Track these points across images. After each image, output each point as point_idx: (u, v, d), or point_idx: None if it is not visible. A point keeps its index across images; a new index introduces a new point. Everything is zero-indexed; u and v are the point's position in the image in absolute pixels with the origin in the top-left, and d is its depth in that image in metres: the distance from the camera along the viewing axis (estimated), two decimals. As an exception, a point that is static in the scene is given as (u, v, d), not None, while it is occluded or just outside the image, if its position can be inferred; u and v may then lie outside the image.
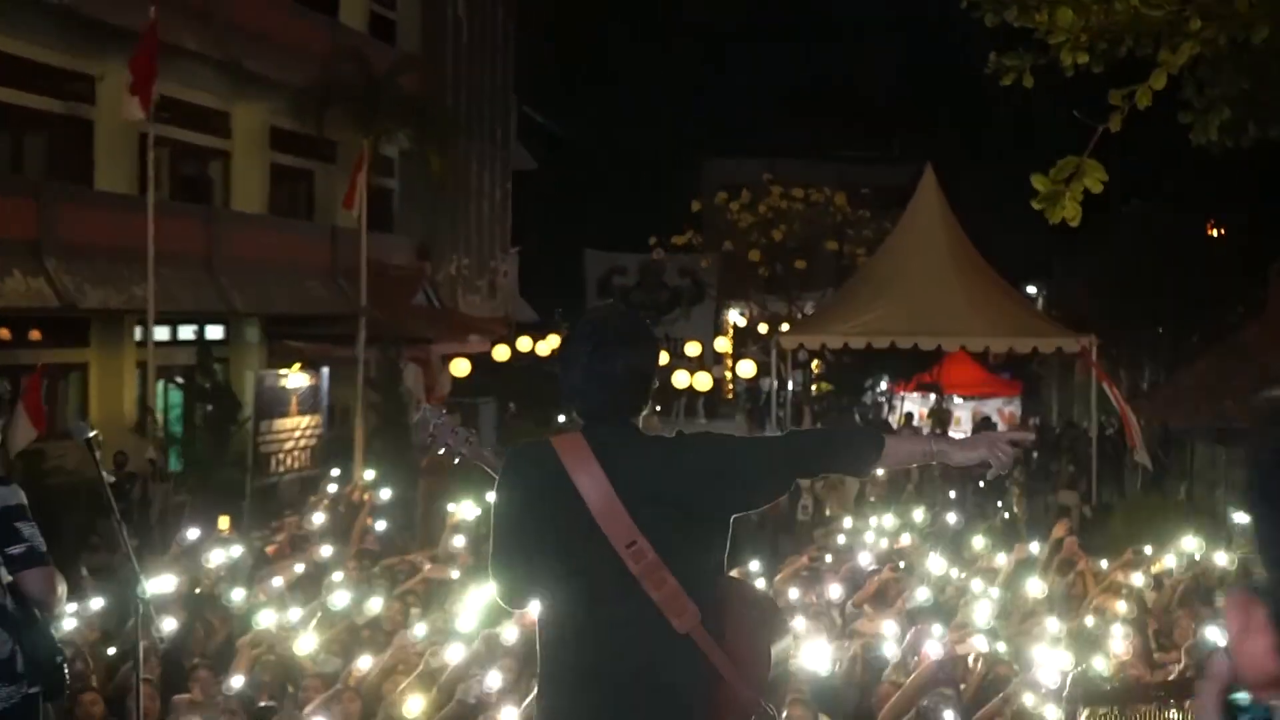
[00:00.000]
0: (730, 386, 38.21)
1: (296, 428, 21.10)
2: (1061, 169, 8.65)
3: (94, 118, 21.75)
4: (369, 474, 18.35)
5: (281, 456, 20.74)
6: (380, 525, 13.88)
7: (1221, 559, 11.01)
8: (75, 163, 22.09)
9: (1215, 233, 34.70)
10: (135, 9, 19.40)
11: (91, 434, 5.82)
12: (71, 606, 8.72)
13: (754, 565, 11.41)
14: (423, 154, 28.06)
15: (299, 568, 11.33)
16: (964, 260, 21.71)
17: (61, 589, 5.48)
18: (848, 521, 14.70)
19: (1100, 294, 33.11)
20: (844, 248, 33.87)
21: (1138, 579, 10.46)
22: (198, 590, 10.30)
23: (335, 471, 19.32)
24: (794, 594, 10.10)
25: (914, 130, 49.96)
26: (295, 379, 21.18)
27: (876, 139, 52.24)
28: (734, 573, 4.85)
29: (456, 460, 5.27)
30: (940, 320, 20.63)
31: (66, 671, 5.61)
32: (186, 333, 24.68)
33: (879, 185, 42.67)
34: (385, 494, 14.47)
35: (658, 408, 31.85)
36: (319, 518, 13.86)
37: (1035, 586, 10.22)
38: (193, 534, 12.73)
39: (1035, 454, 24.85)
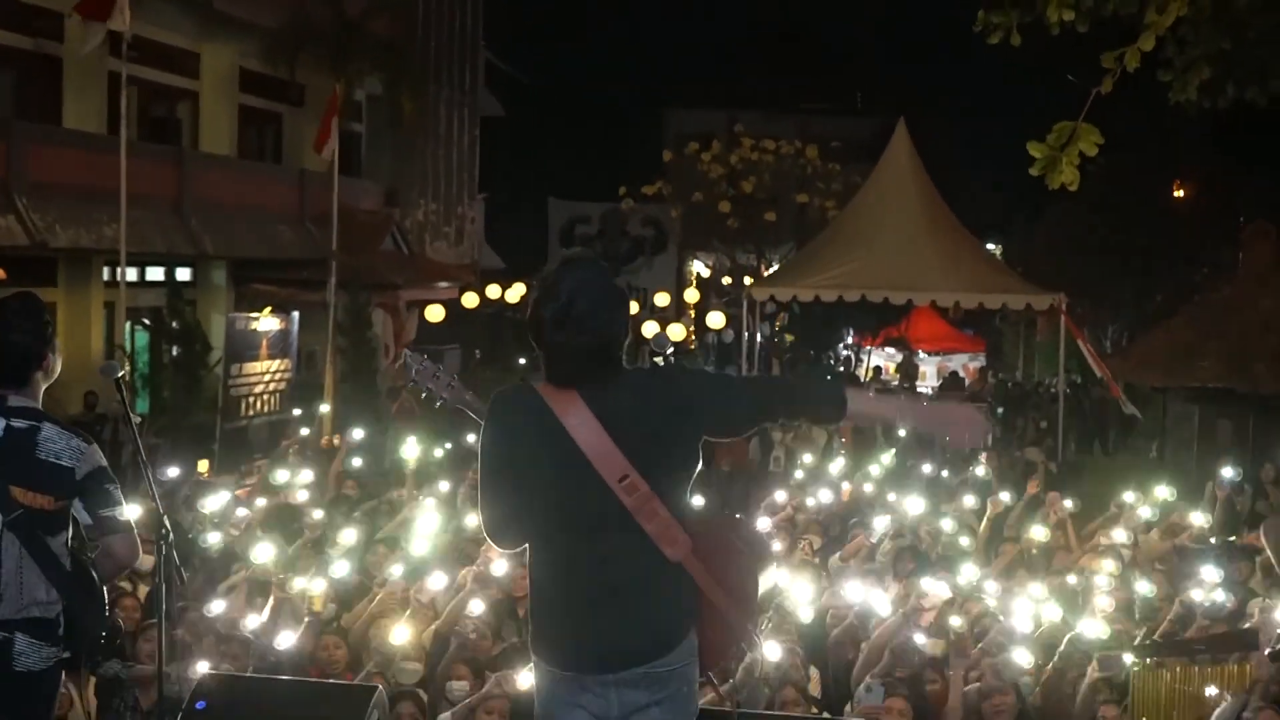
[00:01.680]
0: (692, 338, 38.20)
1: (267, 371, 21.05)
2: (1059, 134, 8.69)
3: (62, 55, 21.50)
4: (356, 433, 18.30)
5: (252, 400, 20.70)
6: (356, 461, 13.86)
7: (1198, 517, 11.14)
8: (44, 100, 21.87)
9: (1179, 193, 34.89)
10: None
11: (121, 373, 5.81)
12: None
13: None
14: (393, 99, 27.89)
15: (259, 501, 11.37)
16: (935, 215, 21.81)
17: (140, 553, 5.46)
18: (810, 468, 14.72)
19: (1063, 252, 33.28)
20: (813, 200, 33.88)
21: (1119, 534, 10.61)
22: (190, 534, 10.30)
23: (296, 412, 19.25)
24: (777, 545, 10.19)
25: (876, 83, 49.98)
26: (266, 322, 21.12)
27: (838, 91, 52.15)
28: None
29: (438, 404, 5.38)
30: (911, 274, 20.74)
31: (101, 644, 5.58)
32: (154, 274, 24.53)
33: (841, 138, 42.70)
34: (357, 434, 14.37)
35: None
36: (296, 466, 13.72)
37: (1036, 533, 10.39)
38: (172, 473, 12.72)
39: (1000, 410, 25.06)
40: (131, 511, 9.04)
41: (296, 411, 19.34)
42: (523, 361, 31.35)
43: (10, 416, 5.15)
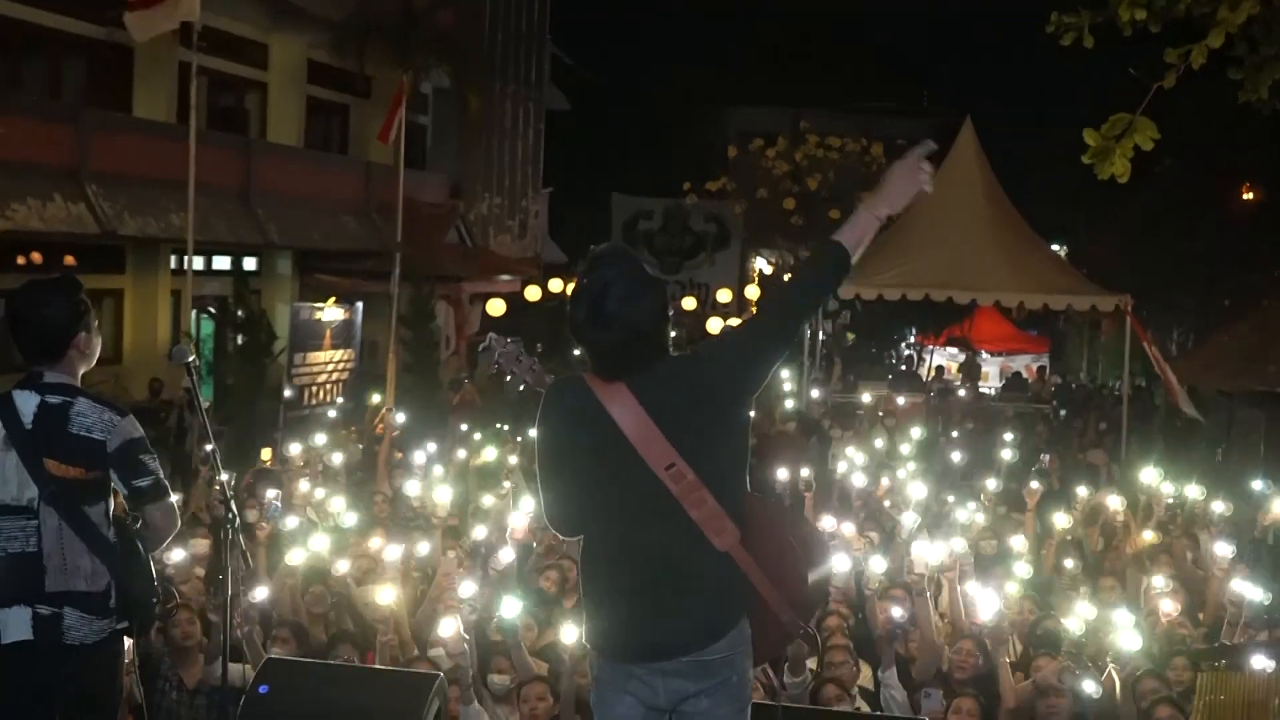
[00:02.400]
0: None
1: (330, 361, 21.18)
2: (1114, 125, 8.63)
3: (133, 44, 21.71)
4: (400, 415, 18.36)
5: (315, 389, 20.82)
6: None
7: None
8: (114, 89, 22.10)
9: (1248, 195, 34.46)
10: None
11: (191, 358, 5.89)
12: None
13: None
14: (460, 92, 28.01)
15: (319, 492, 11.42)
16: (1000, 215, 21.61)
17: (179, 523, 5.55)
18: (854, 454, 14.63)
19: (1128, 253, 32.95)
20: (878, 198, 33.65)
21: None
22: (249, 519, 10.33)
23: (375, 398, 19.40)
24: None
25: (940, 83, 49.73)
26: (330, 312, 21.24)
27: (901, 90, 51.92)
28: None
29: (521, 387, 5.42)
30: (975, 274, 20.57)
31: (157, 609, 5.68)
32: (220, 263, 24.75)
33: (905, 137, 42.46)
34: (399, 418, 14.45)
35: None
36: (337, 456, 13.70)
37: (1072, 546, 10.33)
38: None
39: (1063, 411, 24.86)
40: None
41: (375, 398, 19.48)
42: (576, 353, 31.46)
43: (45, 393, 5.27)
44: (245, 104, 26.24)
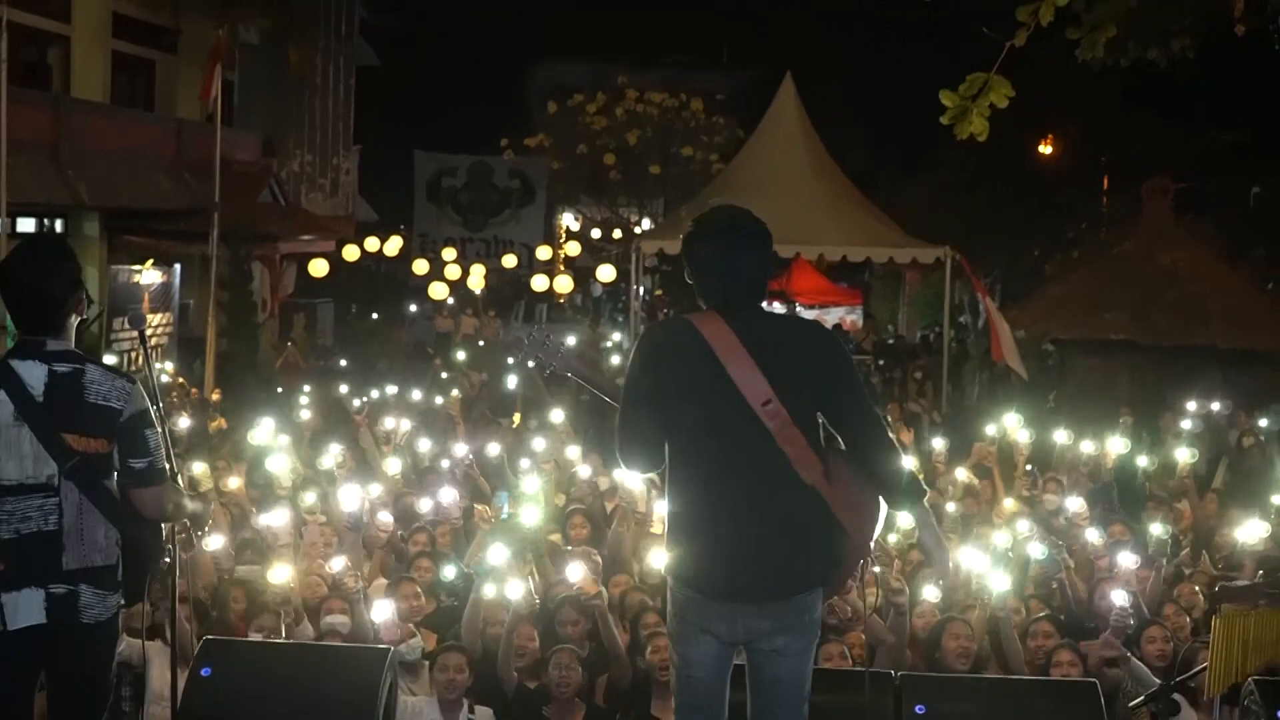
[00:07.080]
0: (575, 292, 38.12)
1: (149, 325, 20.58)
2: (970, 85, 8.84)
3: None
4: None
5: (134, 355, 20.26)
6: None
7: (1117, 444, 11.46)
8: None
9: (1047, 149, 35.41)
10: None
11: (144, 325, 5.71)
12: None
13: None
14: (275, 46, 27.30)
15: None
16: (822, 169, 21.96)
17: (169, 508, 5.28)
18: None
19: (937, 206, 33.57)
20: (697, 153, 33.94)
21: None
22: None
23: (169, 365, 18.99)
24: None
25: (742, 37, 49.99)
26: (149, 275, 20.65)
27: (701, 45, 52.04)
28: None
29: (548, 372, 5.46)
30: (798, 228, 20.78)
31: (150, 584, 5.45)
32: (25, 226, 23.76)
33: (705, 91, 42.70)
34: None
35: (491, 312, 31.89)
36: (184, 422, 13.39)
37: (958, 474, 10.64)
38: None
39: (881, 362, 25.39)
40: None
41: (168, 365, 19.02)
42: (414, 309, 31.17)
43: (52, 362, 5.05)
44: (48, 59, 25.19)
